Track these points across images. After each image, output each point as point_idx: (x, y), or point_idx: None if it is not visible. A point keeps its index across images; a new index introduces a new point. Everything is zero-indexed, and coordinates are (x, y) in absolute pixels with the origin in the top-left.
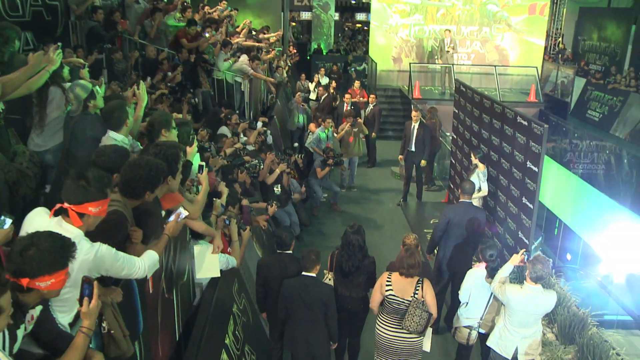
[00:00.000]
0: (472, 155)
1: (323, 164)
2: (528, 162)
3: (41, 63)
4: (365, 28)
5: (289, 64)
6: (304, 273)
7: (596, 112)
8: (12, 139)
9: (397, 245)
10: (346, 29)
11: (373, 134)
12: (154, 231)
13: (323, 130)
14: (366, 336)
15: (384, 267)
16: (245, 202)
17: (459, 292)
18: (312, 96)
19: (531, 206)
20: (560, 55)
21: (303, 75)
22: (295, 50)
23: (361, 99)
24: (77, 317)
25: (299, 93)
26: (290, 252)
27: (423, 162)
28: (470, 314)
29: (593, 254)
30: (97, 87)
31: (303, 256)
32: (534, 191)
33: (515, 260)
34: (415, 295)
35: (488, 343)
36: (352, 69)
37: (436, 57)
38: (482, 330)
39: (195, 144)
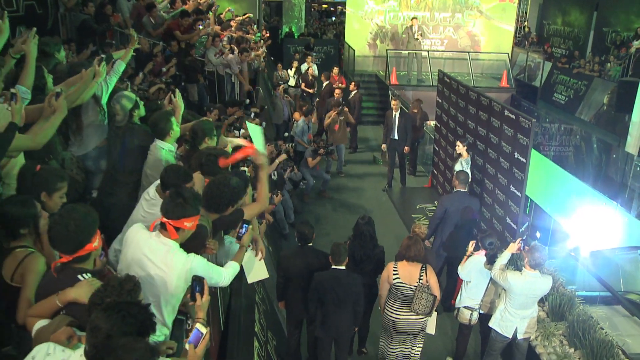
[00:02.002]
0: (458, 143)
1: (314, 153)
2: (516, 153)
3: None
4: (332, 9)
5: (264, 50)
6: (334, 266)
7: (562, 95)
8: (58, 146)
9: (387, 230)
10: (312, 9)
11: (353, 120)
12: (215, 234)
13: (305, 122)
14: (373, 319)
15: None
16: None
17: (461, 271)
18: (292, 82)
19: (519, 194)
20: (526, 39)
21: (280, 65)
22: (268, 35)
23: (340, 85)
24: None
25: (282, 85)
26: (311, 244)
27: (406, 149)
28: (471, 297)
29: (563, 232)
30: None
31: (333, 251)
32: (522, 180)
33: (512, 248)
34: (420, 281)
35: (490, 324)
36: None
37: (407, 44)
38: (481, 311)
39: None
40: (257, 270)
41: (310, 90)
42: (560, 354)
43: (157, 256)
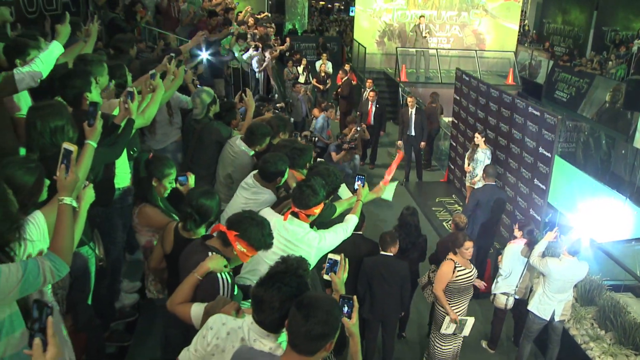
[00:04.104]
0: (477, 135)
1: (338, 148)
2: (540, 148)
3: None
4: (329, 6)
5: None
6: (382, 252)
7: (564, 92)
8: (137, 139)
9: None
10: (311, 6)
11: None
12: None
13: (324, 118)
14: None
15: None
16: None
17: (500, 265)
18: (301, 79)
19: (544, 187)
20: (526, 37)
21: (290, 62)
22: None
23: (352, 82)
24: None
25: (299, 85)
26: (361, 233)
27: (423, 144)
28: (508, 283)
29: (573, 225)
30: None
31: (382, 238)
32: (547, 174)
33: (549, 236)
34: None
35: (529, 308)
36: None
37: (414, 42)
38: (517, 296)
39: None
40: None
41: (321, 87)
42: (593, 335)
43: (294, 236)
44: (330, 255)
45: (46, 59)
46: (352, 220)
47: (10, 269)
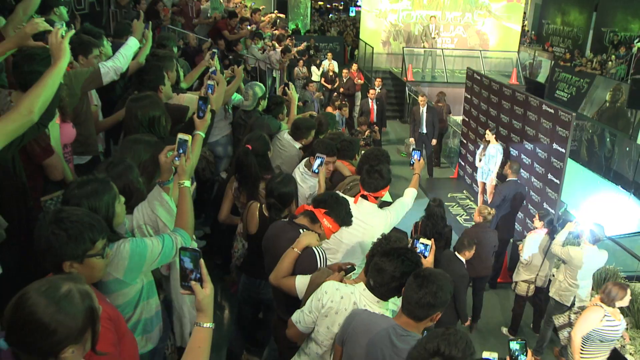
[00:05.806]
0: (487, 132)
1: None
2: (554, 144)
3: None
4: (329, 6)
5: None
6: (455, 253)
7: (564, 92)
8: None
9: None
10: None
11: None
12: None
13: (339, 116)
14: None
15: None
16: None
17: (521, 254)
18: (316, 78)
19: (558, 182)
20: (525, 37)
21: (301, 62)
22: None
23: (359, 80)
24: None
25: (312, 84)
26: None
27: (434, 142)
28: (528, 271)
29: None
30: None
31: (459, 239)
32: (560, 169)
33: (570, 227)
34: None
35: (550, 294)
36: None
37: (422, 42)
38: (537, 284)
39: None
40: None
41: (329, 86)
42: None
43: (366, 217)
44: (421, 240)
45: (126, 53)
46: (410, 192)
47: (153, 242)
